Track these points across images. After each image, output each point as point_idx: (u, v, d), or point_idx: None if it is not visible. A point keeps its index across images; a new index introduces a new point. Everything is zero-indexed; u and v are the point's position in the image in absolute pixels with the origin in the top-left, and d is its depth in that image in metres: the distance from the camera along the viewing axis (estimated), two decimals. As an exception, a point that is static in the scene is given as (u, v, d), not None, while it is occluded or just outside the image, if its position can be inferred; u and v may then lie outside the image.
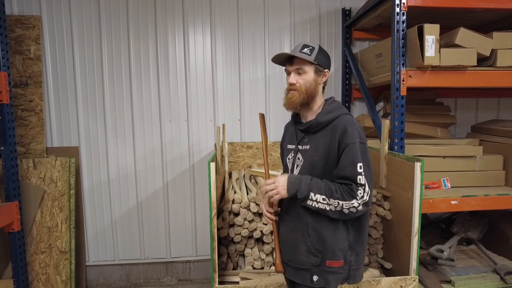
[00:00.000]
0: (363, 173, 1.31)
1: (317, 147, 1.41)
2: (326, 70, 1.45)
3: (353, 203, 1.30)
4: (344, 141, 1.33)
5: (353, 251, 1.42)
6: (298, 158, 1.46)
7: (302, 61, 1.41)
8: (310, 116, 1.47)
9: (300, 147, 1.47)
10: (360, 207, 1.31)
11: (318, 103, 1.47)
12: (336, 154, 1.36)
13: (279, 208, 1.57)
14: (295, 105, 1.42)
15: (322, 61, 1.43)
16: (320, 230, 1.39)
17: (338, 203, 1.30)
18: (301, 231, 1.42)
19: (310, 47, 1.41)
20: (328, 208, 1.32)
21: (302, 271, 1.43)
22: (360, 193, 1.30)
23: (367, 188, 1.31)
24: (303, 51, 1.40)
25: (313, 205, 1.33)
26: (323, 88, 1.49)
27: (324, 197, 1.31)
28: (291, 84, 1.43)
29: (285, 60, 1.47)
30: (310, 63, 1.40)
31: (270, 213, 1.51)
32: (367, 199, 1.32)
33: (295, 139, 1.51)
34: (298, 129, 1.51)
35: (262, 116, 1.64)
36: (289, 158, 1.52)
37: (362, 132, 1.39)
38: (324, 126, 1.41)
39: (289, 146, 1.54)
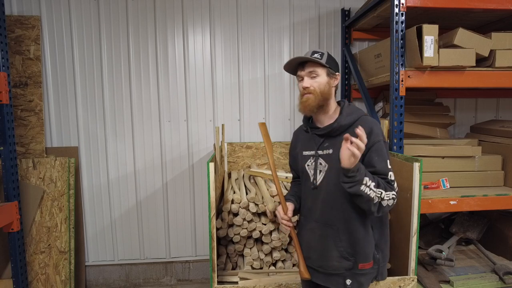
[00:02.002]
0: (392, 169, 1.37)
1: None
2: (337, 73, 1.48)
3: (394, 194, 1.33)
4: (371, 140, 1.36)
5: (379, 249, 1.45)
6: (321, 164, 1.46)
7: (314, 65, 1.43)
8: (326, 121, 1.48)
9: (320, 152, 1.46)
10: (396, 199, 1.35)
11: (333, 107, 1.49)
12: (363, 155, 1.35)
13: (294, 216, 1.56)
14: (311, 108, 1.42)
15: (332, 65, 1.46)
16: (352, 234, 1.41)
17: (381, 192, 1.29)
18: (332, 237, 1.43)
19: (320, 53, 1.44)
20: (373, 197, 1.27)
21: (334, 276, 1.44)
22: (395, 186, 1.36)
23: (396, 183, 1.37)
24: (313, 56, 1.42)
25: (365, 191, 1.26)
26: (335, 92, 1.51)
27: (374, 183, 1.28)
28: (305, 88, 1.43)
29: (296, 68, 1.49)
30: (322, 66, 1.42)
31: (286, 220, 1.49)
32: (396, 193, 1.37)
33: (314, 144, 1.49)
34: (316, 134, 1.50)
35: (262, 125, 1.64)
36: (308, 165, 1.50)
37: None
38: (347, 128, 1.42)
39: (306, 153, 1.52)
